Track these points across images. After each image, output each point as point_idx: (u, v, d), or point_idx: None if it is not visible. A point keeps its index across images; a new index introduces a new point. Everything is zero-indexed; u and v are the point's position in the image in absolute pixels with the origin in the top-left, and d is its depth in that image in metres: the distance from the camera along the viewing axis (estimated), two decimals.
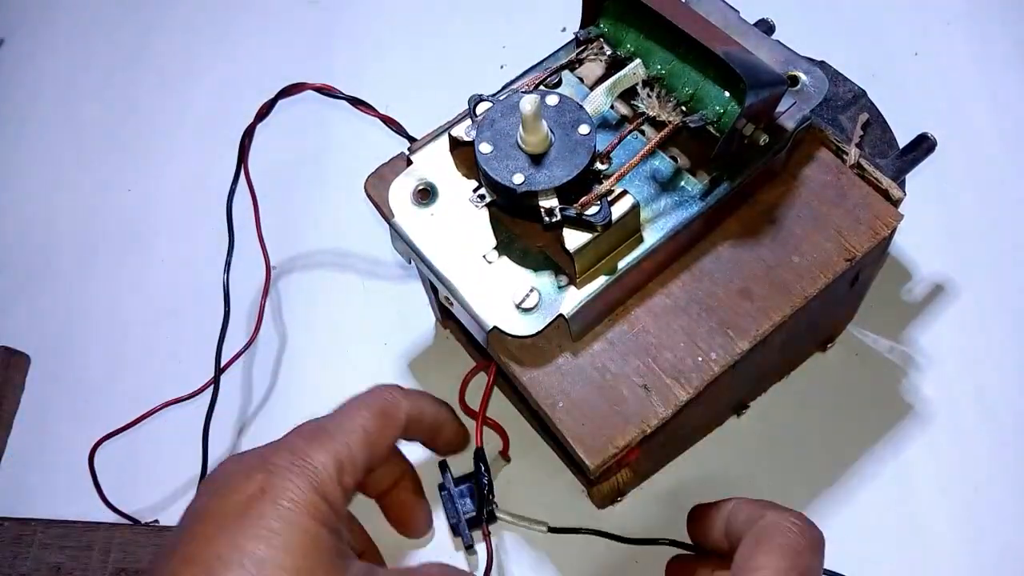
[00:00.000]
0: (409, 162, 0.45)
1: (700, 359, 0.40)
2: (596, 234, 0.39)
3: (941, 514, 0.48)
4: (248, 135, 0.49)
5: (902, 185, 0.45)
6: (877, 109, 0.48)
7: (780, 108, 0.42)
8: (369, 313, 0.57)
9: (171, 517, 0.52)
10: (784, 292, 0.42)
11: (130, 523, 0.51)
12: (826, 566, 0.47)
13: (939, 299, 0.54)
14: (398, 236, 0.43)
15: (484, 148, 0.40)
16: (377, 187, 0.45)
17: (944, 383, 0.51)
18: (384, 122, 0.47)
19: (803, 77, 0.43)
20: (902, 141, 0.48)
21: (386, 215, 0.44)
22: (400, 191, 0.44)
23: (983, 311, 0.53)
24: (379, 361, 0.55)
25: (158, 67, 0.70)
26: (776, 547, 0.36)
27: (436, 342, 0.55)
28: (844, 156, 0.45)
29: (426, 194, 0.43)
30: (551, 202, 0.39)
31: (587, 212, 0.39)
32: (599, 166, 0.41)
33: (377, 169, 0.46)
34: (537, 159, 0.40)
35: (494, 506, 0.46)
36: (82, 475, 0.50)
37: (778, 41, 0.45)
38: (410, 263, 0.45)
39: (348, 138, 0.63)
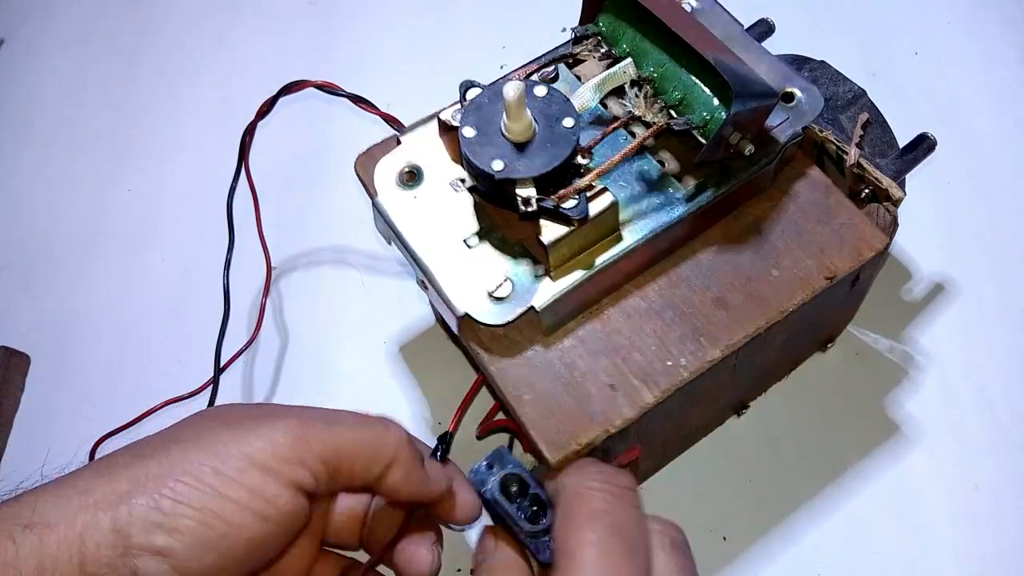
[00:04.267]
0: (398, 143, 0.45)
1: (670, 363, 0.40)
2: (572, 228, 0.39)
3: (941, 514, 0.48)
4: (249, 133, 0.49)
5: (902, 185, 0.45)
6: (877, 109, 0.48)
7: (772, 122, 0.42)
8: (369, 312, 0.57)
9: None
10: (760, 304, 0.41)
11: None
12: (827, 565, 0.47)
13: (939, 299, 0.54)
14: (380, 216, 0.43)
15: (468, 132, 0.40)
16: (366, 166, 0.45)
17: (944, 383, 0.51)
18: (385, 120, 0.47)
19: (799, 94, 0.43)
20: (902, 141, 0.48)
21: (371, 194, 0.44)
22: (386, 171, 0.43)
23: (983, 311, 0.53)
24: (379, 360, 0.55)
25: (158, 66, 0.70)
26: (586, 516, 0.32)
27: (436, 342, 0.55)
28: (844, 156, 0.45)
29: (412, 176, 0.43)
30: (529, 191, 0.39)
31: (564, 205, 0.39)
32: (581, 160, 0.40)
33: (368, 148, 0.46)
34: (519, 147, 0.39)
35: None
36: None
37: (780, 59, 0.44)
38: (390, 244, 0.45)
39: (349, 136, 0.62)
